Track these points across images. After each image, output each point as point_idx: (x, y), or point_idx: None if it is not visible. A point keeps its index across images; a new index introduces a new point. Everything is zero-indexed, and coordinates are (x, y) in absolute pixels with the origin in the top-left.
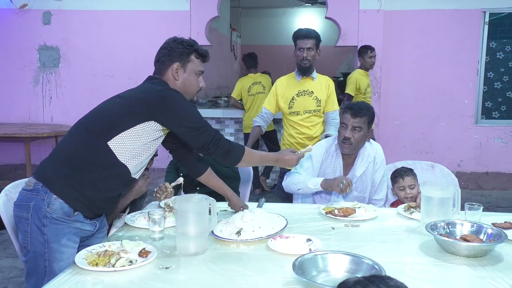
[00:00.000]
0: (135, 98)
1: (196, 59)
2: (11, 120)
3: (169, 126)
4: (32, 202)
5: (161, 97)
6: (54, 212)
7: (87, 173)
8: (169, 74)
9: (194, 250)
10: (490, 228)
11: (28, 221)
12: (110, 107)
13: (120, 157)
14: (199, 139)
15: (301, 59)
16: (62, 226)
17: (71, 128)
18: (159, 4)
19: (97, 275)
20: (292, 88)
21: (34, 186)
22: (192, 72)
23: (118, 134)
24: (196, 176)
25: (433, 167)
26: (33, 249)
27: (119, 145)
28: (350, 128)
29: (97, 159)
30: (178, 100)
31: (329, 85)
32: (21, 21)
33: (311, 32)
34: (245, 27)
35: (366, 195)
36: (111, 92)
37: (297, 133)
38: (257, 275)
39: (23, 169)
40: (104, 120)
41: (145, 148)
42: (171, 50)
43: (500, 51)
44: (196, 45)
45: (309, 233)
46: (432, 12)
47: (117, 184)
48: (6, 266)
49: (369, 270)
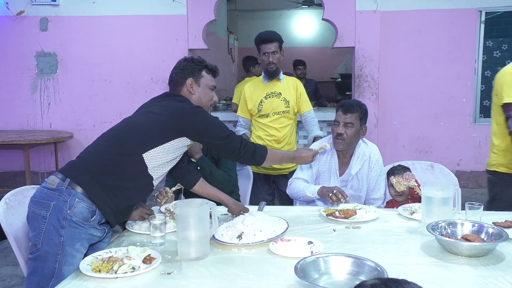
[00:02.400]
0: (169, 115)
1: (207, 74)
2: (9, 127)
3: (201, 140)
4: (53, 202)
5: (192, 114)
6: (75, 215)
7: (119, 180)
8: (185, 90)
9: (196, 255)
10: (491, 227)
11: (45, 219)
12: (146, 122)
13: (150, 169)
14: (230, 146)
15: (267, 63)
16: (79, 230)
17: (103, 136)
18: (156, 8)
19: (99, 282)
20: (260, 91)
21: (57, 186)
22: (205, 87)
23: (153, 148)
24: (188, 187)
25: (432, 167)
26: (45, 248)
27: (152, 158)
28: (342, 124)
29: (130, 168)
30: (205, 115)
31: (297, 86)
32: (18, 28)
33: (272, 35)
34: (242, 30)
35: (362, 194)
36: (109, 97)
37: (265, 135)
38: (259, 278)
39: (22, 176)
40: (141, 134)
41: (171, 162)
42: (183, 68)
43: (497, 50)
44: (205, 62)
45: (310, 236)
46: (428, 12)
47: (142, 193)
48: (7, 274)
49: (371, 272)
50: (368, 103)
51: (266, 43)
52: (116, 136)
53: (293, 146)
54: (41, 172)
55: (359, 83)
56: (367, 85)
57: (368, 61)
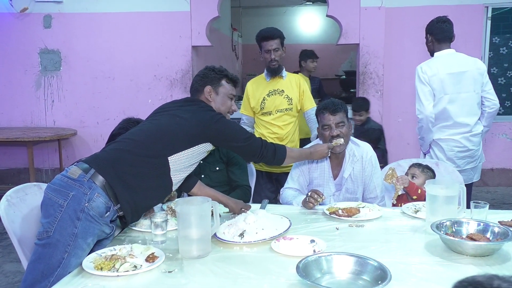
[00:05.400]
0: (197, 122)
1: (227, 83)
2: (13, 124)
3: (224, 145)
4: (73, 192)
5: (216, 121)
6: (92, 209)
7: (141, 180)
8: (203, 97)
9: (197, 253)
10: (497, 226)
11: (62, 208)
12: (174, 126)
13: (172, 173)
14: (251, 148)
15: (269, 61)
16: (94, 225)
17: (130, 134)
18: (159, 5)
19: (100, 280)
20: (262, 89)
21: (79, 177)
22: (224, 95)
23: (179, 152)
24: (186, 191)
25: (437, 165)
26: (57, 236)
27: (177, 161)
28: (334, 126)
29: (154, 170)
30: (227, 122)
31: (300, 83)
32: (21, 25)
33: (274, 32)
34: (246, 27)
35: (359, 196)
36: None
37: (268, 133)
38: (260, 277)
39: (26, 173)
40: (168, 137)
41: (192, 167)
42: (203, 77)
43: (503, 46)
44: (226, 71)
45: (313, 234)
46: (434, 8)
47: (161, 195)
48: (11, 270)
49: (374, 271)
50: (373, 100)
51: (267, 40)
52: (144, 138)
53: (296, 143)
54: (45, 169)
55: (363, 80)
56: (371, 82)
57: (372, 58)
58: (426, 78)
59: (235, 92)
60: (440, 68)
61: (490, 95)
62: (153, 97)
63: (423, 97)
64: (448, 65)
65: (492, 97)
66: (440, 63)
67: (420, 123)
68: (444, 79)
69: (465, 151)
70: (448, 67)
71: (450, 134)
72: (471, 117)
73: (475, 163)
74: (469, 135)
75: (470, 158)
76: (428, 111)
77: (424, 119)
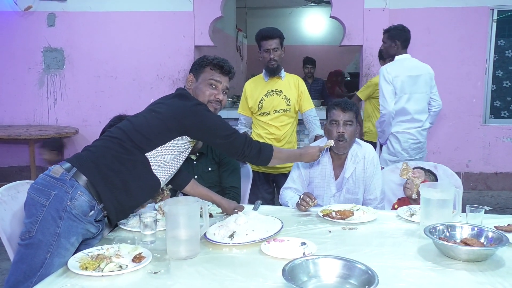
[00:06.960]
0: (171, 115)
1: (211, 70)
2: (16, 122)
3: (203, 139)
4: (55, 191)
5: (192, 113)
6: (75, 208)
7: (125, 180)
8: (187, 85)
9: (185, 254)
10: (491, 231)
11: (43, 207)
12: (149, 121)
13: (155, 169)
14: (233, 146)
15: (268, 60)
16: (77, 224)
17: (111, 132)
18: (162, 5)
19: (85, 280)
20: (260, 89)
21: (61, 176)
22: (203, 81)
23: (156, 148)
24: (179, 189)
25: (436, 168)
26: (39, 237)
27: (155, 158)
28: (342, 123)
29: (134, 167)
30: (206, 114)
31: (298, 84)
32: (25, 23)
33: (273, 31)
34: (251, 28)
35: (360, 197)
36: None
37: (266, 133)
38: (247, 280)
39: (28, 171)
40: (144, 134)
41: (176, 161)
42: (193, 65)
43: (509, 49)
44: (211, 58)
45: (305, 237)
46: (438, 10)
47: (147, 194)
48: (7, 268)
49: (361, 275)
50: None
51: (266, 39)
52: (122, 135)
53: (293, 144)
54: (47, 167)
55: (367, 81)
56: None
57: (376, 60)
58: (390, 78)
59: (219, 78)
60: (401, 70)
61: (437, 96)
62: (156, 97)
63: (387, 95)
64: (408, 68)
65: (438, 98)
66: (401, 66)
67: (383, 118)
68: (404, 80)
69: (417, 143)
70: (408, 70)
71: (406, 128)
72: (423, 114)
73: (422, 154)
74: (420, 129)
75: (419, 149)
76: (391, 108)
77: (387, 115)
